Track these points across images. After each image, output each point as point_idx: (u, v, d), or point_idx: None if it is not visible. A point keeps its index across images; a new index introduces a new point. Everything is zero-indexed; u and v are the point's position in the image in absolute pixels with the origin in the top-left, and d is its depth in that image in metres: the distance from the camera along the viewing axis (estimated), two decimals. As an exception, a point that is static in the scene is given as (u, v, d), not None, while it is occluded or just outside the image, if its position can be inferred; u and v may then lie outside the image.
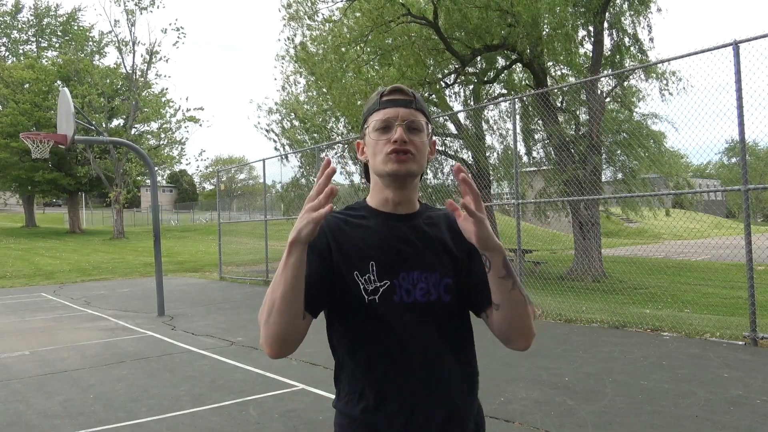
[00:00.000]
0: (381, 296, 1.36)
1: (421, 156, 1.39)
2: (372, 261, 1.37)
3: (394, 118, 1.37)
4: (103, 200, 40.19)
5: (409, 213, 1.44)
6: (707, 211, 26.55)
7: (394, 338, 1.36)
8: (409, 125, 1.37)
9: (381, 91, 1.43)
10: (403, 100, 1.40)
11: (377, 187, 1.44)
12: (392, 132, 1.37)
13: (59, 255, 24.02)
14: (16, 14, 42.30)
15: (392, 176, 1.38)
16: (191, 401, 4.90)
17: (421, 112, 1.41)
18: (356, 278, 1.36)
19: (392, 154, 1.36)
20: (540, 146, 14.90)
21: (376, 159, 1.39)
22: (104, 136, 10.92)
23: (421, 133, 1.39)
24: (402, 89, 1.41)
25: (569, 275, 12.14)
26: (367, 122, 1.43)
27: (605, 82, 13.15)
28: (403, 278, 1.38)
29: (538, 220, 15.53)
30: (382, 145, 1.38)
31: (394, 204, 1.43)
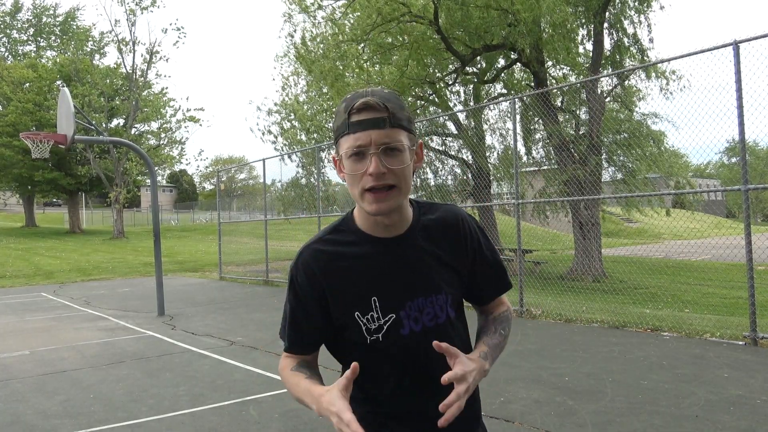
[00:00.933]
0: (385, 333, 1.31)
1: (405, 181, 1.25)
2: (374, 296, 1.30)
3: (367, 144, 1.20)
4: (103, 200, 40.23)
5: (402, 233, 1.33)
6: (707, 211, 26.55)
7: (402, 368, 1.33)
8: (386, 150, 1.21)
9: (348, 105, 1.23)
10: (374, 120, 1.20)
11: (363, 210, 1.31)
12: (367, 161, 1.21)
13: (59, 255, 24.03)
14: (16, 14, 42.31)
15: (375, 215, 1.27)
16: (191, 401, 4.90)
17: (399, 126, 1.23)
18: (357, 319, 1.31)
19: (370, 193, 1.22)
20: (540, 146, 14.90)
21: (353, 191, 1.26)
22: (104, 136, 10.92)
23: (401, 154, 1.23)
24: (372, 105, 1.21)
25: (569, 275, 12.14)
26: (339, 143, 1.26)
27: (605, 82, 13.15)
28: (410, 307, 1.32)
29: (538, 220, 15.53)
30: (358, 179, 1.23)
31: (385, 227, 1.31)
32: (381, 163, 1.20)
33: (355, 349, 1.34)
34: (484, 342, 1.38)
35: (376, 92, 1.24)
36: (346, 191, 18.61)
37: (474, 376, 1.24)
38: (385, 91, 1.26)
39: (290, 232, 23.03)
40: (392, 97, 1.25)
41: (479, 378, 1.27)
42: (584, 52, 13.70)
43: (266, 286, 14.10)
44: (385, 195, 1.23)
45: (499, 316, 1.46)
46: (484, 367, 1.29)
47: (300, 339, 1.39)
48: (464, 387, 1.20)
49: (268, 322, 8.81)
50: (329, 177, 20.92)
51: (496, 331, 1.42)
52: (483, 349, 1.34)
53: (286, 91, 20.47)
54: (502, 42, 12.62)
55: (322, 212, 13.59)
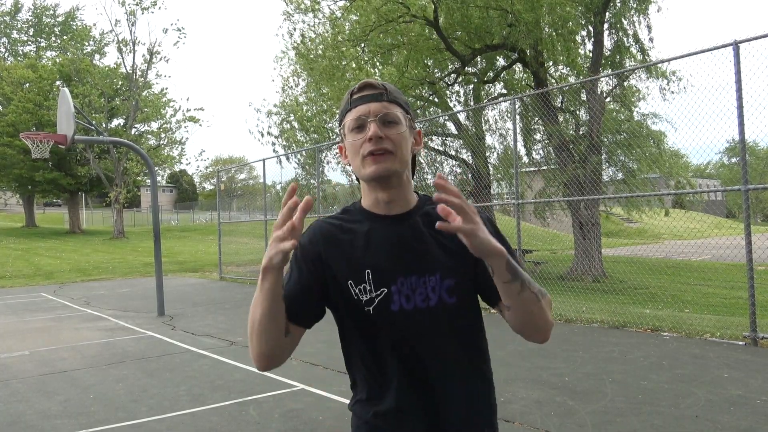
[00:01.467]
0: (376, 307, 1.32)
1: (402, 150, 1.31)
2: (368, 269, 1.33)
3: (366, 114, 1.31)
4: (103, 200, 40.20)
5: (404, 212, 1.37)
6: (707, 211, 26.56)
7: (399, 348, 1.33)
8: (383, 119, 1.30)
9: (351, 89, 1.37)
10: (373, 95, 1.33)
11: (366, 188, 1.38)
12: (366, 130, 1.30)
13: (59, 255, 24.03)
14: (16, 14, 42.33)
15: (373, 179, 1.31)
16: (191, 401, 4.90)
17: (396, 103, 1.34)
18: (350, 288, 1.33)
19: (368, 156, 1.29)
20: (540, 146, 14.90)
21: (355, 162, 1.33)
22: (104, 136, 10.92)
23: (397, 125, 1.32)
24: (371, 83, 1.34)
25: (569, 275, 12.14)
26: (344, 125, 1.36)
27: (605, 82, 13.15)
28: (402, 284, 1.32)
29: (538, 220, 15.54)
30: (359, 146, 1.31)
31: (386, 204, 1.36)
32: (379, 129, 1.29)
33: (351, 325, 1.36)
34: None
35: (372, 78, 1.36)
36: (345, 191, 18.63)
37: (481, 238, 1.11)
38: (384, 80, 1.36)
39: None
40: (391, 84, 1.38)
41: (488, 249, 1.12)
42: (584, 53, 13.70)
43: (266, 286, 14.07)
44: (383, 157, 1.29)
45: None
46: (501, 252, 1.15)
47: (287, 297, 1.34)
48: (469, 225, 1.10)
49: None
50: (329, 177, 20.94)
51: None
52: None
53: (286, 92, 20.48)
54: (502, 42, 12.62)
55: (322, 212, 13.59)
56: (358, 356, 1.39)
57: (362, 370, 1.39)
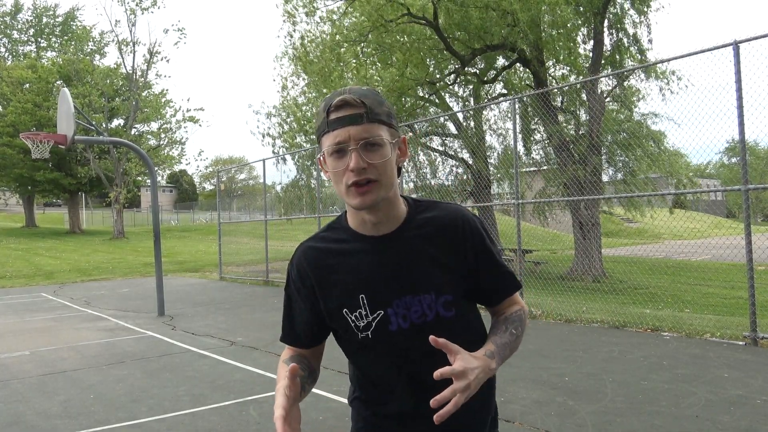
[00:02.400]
0: (374, 330, 1.32)
1: (387, 175, 1.25)
2: (362, 294, 1.31)
3: (346, 140, 1.22)
4: (103, 200, 40.17)
5: (393, 231, 1.33)
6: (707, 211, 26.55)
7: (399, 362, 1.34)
8: (365, 145, 1.22)
9: (327, 104, 1.26)
10: (351, 116, 1.22)
11: (351, 209, 1.33)
12: (347, 157, 1.23)
13: (59, 255, 24.03)
14: (16, 14, 42.33)
15: (360, 209, 1.27)
16: (191, 401, 4.90)
17: (377, 121, 1.24)
18: (346, 316, 1.33)
19: (352, 188, 1.23)
20: (540, 146, 14.90)
21: (338, 188, 1.27)
22: (104, 136, 10.92)
23: (381, 148, 1.24)
24: (348, 102, 1.23)
25: (569, 275, 12.14)
26: (321, 143, 1.28)
27: (605, 82, 13.15)
28: (397, 305, 1.31)
29: (538, 220, 15.53)
30: (341, 175, 1.24)
31: (374, 225, 1.31)
32: (361, 158, 1.22)
33: (350, 347, 1.39)
34: (492, 340, 1.33)
35: (354, 90, 1.26)
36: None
37: (477, 374, 1.18)
38: (363, 89, 1.27)
39: (290, 232, 23.03)
40: (370, 93, 1.26)
41: (483, 377, 1.21)
42: (584, 53, 13.70)
43: (266, 286, 14.10)
44: (367, 188, 1.23)
45: (511, 316, 1.41)
46: (490, 365, 1.23)
47: (291, 330, 1.43)
48: (463, 384, 1.15)
49: (269, 322, 8.81)
50: (329, 177, 20.91)
51: (507, 330, 1.37)
52: (489, 347, 1.29)
53: (286, 92, 20.49)
54: (502, 42, 12.62)
55: (322, 212, 13.59)
56: (358, 368, 1.43)
57: (362, 378, 1.42)
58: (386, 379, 1.37)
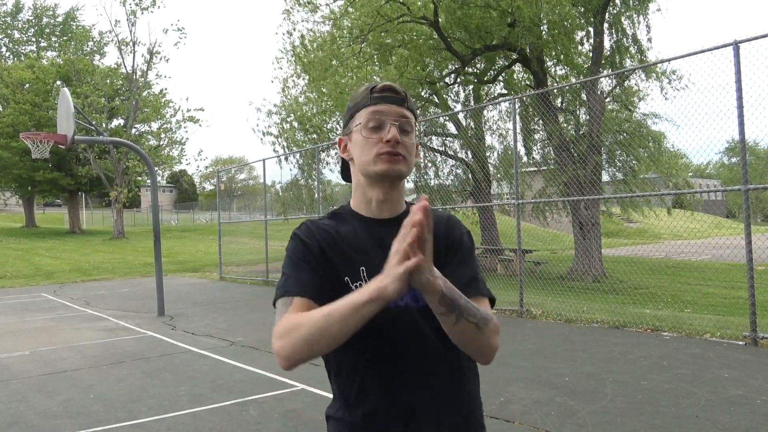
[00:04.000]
0: None
1: (412, 158, 1.35)
2: (362, 266, 1.34)
3: (387, 114, 1.32)
4: (103, 200, 40.23)
5: (394, 216, 1.38)
6: (707, 211, 26.56)
7: (390, 345, 1.33)
8: (402, 126, 1.33)
9: (370, 86, 1.36)
10: (395, 98, 1.34)
11: (361, 187, 1.39)
12: (384, 131, 1.31)
13: (59, 255, 24.03)
14: (17, 14, 42.34)
15: (382, 176, 1.33)
16: (191, 401, 4.90)
17: (411, 111, 1.37)
18: (347, 284, 1.33)
19: (384, 155, 1.31)
20: (540, 146, 14.91)
21: (364, 157, 1.33)
22: (104, 136, 10.92)
23: (410, 134, 1.35)
24: (394, 88, 1.35)
25: (569, 275, 12.14)
26: (355, 118, 1.36)
27: (605, 82, 13.16)
28: None
29: (538, 220, 15.53)
30: (373, 144, 1.32)
31: (379, 203, 1.37)
32: (397, 133, 1.31)
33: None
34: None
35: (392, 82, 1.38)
36: (345, 191, 18.62)
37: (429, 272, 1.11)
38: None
39: (290, 232, 23.02)
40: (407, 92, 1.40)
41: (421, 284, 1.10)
42: (584, 52, 13.70)
43: (266, 286, 14.10)
44: (397, 158, 1.32)
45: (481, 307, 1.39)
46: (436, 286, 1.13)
47: (311, 281, 1.31)
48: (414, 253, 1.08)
49: (269, 322, 8.81)
50: (329, 178, 20.92)
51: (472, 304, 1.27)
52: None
53: (286, 92, 20.49)
54: (502, 42, 12.62)
55: (323, 213, 13.59)
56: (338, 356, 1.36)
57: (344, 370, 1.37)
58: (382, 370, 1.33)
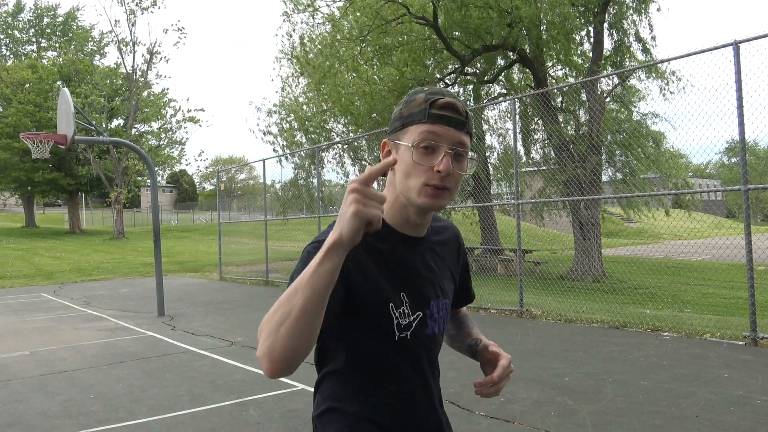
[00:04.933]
0: (413, 332, 1.28)
1: (457, 188, 1.25)
2: (402, 292, 1.26)
3: (444, 138, 1.20)
4: (103, 200, 40.20)
5: (424, 235, 1.34)
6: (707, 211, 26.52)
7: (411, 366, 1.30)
8: (457, 153, 1.21)
9: (429, 98, 1.22)
10: (457, 120, 1.21)
11: (400, 204, 1.27)
12: (437, 158, 1.19)
13: (59, 255, 24.02)
14: (18, 14, 42.34)
15: (425, 211, 1.26)
16: (191, 401, 4.90)
17: (470, 135, 1.25)
18: (391, 312, 1.24)
19: (430, 188, 1.20)
20: (540, 146, 14.91)
21: (409, 182, 1.21)
22: (104, 136, 10.91)
23: (464, 161, 1.24)
24: (456, 107, 1.21)
25: (569, 275, 12.14)
26: (407, 131, 1.22)
27: (605, 82, 13.16)
28: (433, 307, 1.32)
29: (537, 220, 15.53)
30: (422, 171, 1.20)
31: (415, 226, 1.30)
32: (451, 164, 1.20)
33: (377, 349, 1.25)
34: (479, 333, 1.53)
35: (457, 96, 1.26)
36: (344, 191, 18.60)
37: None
38: (461, 99, 1.32)
39: (290, 232, 23.05)
40: (467, 107, 1.29)
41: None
42: (584, 52, 13.70)
43: (266, 286, 14.09)
44: (441, 193, 1.21)
45: (466, 314, 1.60)
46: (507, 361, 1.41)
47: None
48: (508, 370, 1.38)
49: (268, 322, 8.80)
50: (328, 177, 20.92)
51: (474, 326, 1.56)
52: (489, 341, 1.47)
53: (286, 91, 20.49)
54: (501, 42, 12.62)
55: (322, 212, 13.58)
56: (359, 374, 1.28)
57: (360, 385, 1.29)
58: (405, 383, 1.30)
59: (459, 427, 4.06)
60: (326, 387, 1.32)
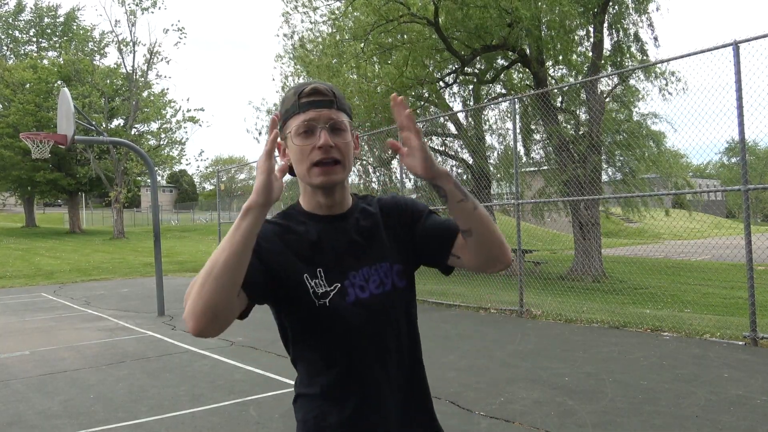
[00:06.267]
0: (331, 299, 1.34)
1: (348, 158, 1.35)
2: (319, 268, 1.35)
3: (317, 120, 1.32)
4: (103, 200, 40.21)
5: (344, 212, 1.42)
6: (707, 211, 26.56)
7: (349, 336, 1.35)
8: (333, 126, 1.32)
9: (298, 89, 1.36)
10: (323, 101, 1.33)
11: (308, 191, 1.40)
12: (316, 136, 1.31)
13: (59, 255, 24.02)
14: (18, 14, 42.35)
15: (321, 188, 1.35)
16: (191, 401, 4.90)
17: (343, 110, 1.36)
18: (306, 281, 1.33)
19: (317, 167, 1.31)
20: (540, 146, 14.91)
21: (300, 166, 1.34)
22: (104, 136, 10.91)
23: (344, 132, 1.34)
24: (320, 89, 1.34)
25: (569, 275, 12.14)
26: (287, 125, 1.36)
27: (605, 82, 13.16)
28: (354, 277, 1.37)
29: (536, 220, 15.53)
30: (307, 152, 1.32)
31: (328, 207, 1.40)
32: (329, 138, 1.31)
33: (307, 320, 1.35)
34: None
35: (319, 82, 1.37)
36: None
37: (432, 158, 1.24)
38: (328, 83, 1.39)
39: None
40: (335, 87, 1.39)
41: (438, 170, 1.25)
42: (584, 52, 13.70)
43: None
44: (331, 168, 1.32)
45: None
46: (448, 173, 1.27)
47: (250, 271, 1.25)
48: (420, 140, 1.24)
49: (268, 322, 8.74)
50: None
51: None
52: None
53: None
54: (501, 42, 12.62)
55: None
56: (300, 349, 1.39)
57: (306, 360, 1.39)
58: (339, 349, 1.35)
59: (459, 426, 4.06)
60: (297, 376, 1.43)
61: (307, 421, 1.37)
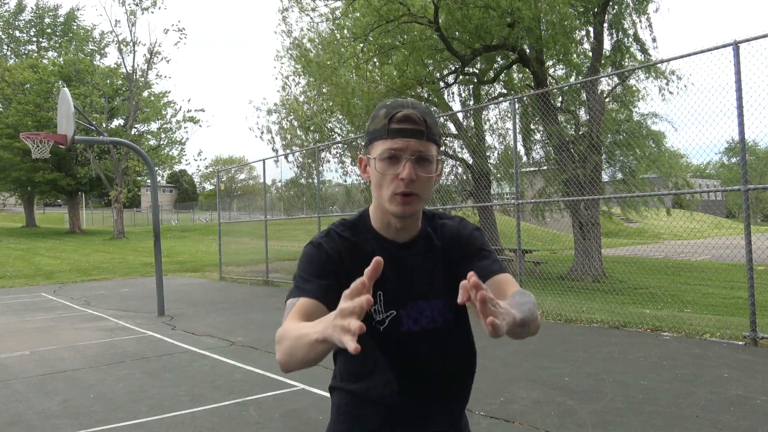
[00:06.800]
0: (386, 327, 1.37)
1: (428, 191, 1.35)
2: (379, 291, 1.36)
3: (404, 150, 1.30)
4: (103, 200, 40.23)
5: (411, 238, 1.42)
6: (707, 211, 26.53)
7: (396, 361, 1.38)
8: (419, 158, 1.31)
9: (389, 112, 1.32)
10: (414, 130, 1.30)
11: (381, 210, 1.39)
12: (400, 166, 1.30)
13: (59, 255, 24.02)
14: (19, 14, 42.36)
15: (397, 218, 1.36)
16: (191, 401, 4.90)
17: (433, 141, 1.34)
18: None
19: (398, 196, 1.31)
20: (540, 146, 14.90)
21: (380, 192, 1.34)
22: (104, 136, 10.91)
23: (430, 165, 1.33)
24: (412, 118, 1.30)
25: (569, 275, 12.14)
26: (372, 146, 1.34)
27: (605, 82, 13.15)
28: (410, 308, 1.39)
29: (537, 220, 15.53)
30: (389, 181, 1.32)
31: (397, 230, 1.40)
32: (413, 170, 1.30)
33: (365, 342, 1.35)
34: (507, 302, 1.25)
35: (416, 106, 1.34)
36: (344, 190, 18.60)
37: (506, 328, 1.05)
38: (422, 106, 1.35)
39: (290, 232, 23.01)
40: (429, 113, 1.35)
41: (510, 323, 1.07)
42: (584, 52, 13.70)
43: (266, 286, 14.10)
44: (411, 199, 1.32)
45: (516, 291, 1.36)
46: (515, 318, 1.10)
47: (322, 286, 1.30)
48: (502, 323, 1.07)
49: (269, 322, 8.81)
50: (328, 177, 20.93)
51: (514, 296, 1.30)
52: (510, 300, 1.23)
53: (287, 90, 20.47)
54: (501, 42, 12.62)
55: (320, 213, 13.58)
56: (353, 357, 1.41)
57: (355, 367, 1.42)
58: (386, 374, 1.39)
59: (459, 427, 4.06)
60: (337, 365, 1.48)
61: (341, 407, 1.44)
